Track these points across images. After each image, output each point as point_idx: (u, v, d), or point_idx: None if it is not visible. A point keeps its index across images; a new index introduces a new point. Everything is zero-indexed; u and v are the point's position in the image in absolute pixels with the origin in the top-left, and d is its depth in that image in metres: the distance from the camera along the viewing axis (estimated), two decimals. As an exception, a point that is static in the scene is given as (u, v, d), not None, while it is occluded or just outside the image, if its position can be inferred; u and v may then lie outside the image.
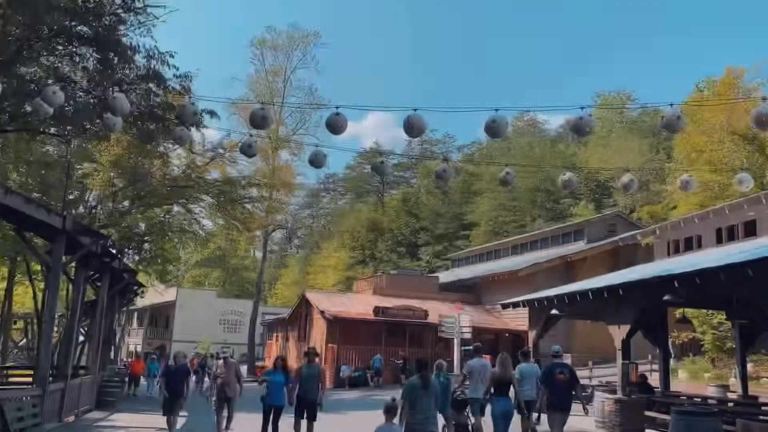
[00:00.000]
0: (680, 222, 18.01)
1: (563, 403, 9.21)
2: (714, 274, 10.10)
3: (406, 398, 7.17)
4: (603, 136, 50.99)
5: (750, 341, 17.11)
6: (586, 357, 27.44)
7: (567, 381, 9.28)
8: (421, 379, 7.26)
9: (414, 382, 7.32)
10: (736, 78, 26.66)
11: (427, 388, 7.21)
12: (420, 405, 7.09)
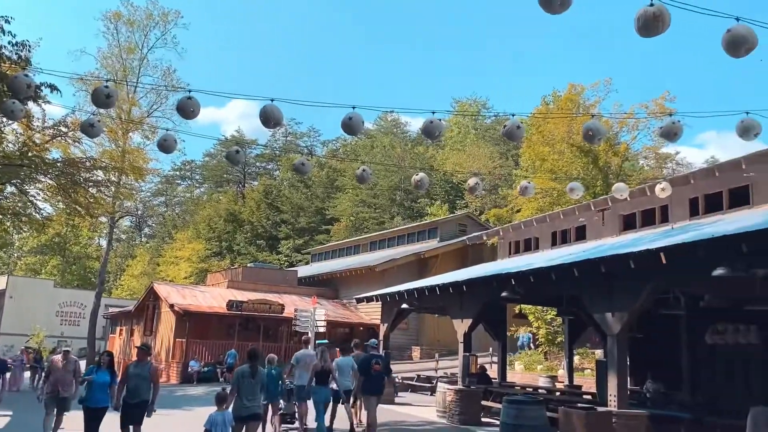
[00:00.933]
0: (521, 225, 19.39)
1: (378, 389, 10.70)
2: (546, 274, 10.98)
3: (234, 385, 7.98)
4: (459, 141, 53.58)
5: (576, 335, 18.83)
6: (433, 349, 28.74)
7: (381, 370, 10.66)
8: (250, 367, 8.06)
9: (243, 369, 8.10)
10: (576, 94, 29.14)
11: (254, 377, 8.02)
12: (247, 391, 7.90)
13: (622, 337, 10.15)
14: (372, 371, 10.49)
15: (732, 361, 16.33)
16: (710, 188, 13.14)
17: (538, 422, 9.11)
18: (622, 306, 9.90)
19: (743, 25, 5.68)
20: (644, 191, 14.33)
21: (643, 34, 5.31)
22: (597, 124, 7.62)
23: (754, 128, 7.61)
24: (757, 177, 12.06)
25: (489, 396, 14.69)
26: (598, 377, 10.41)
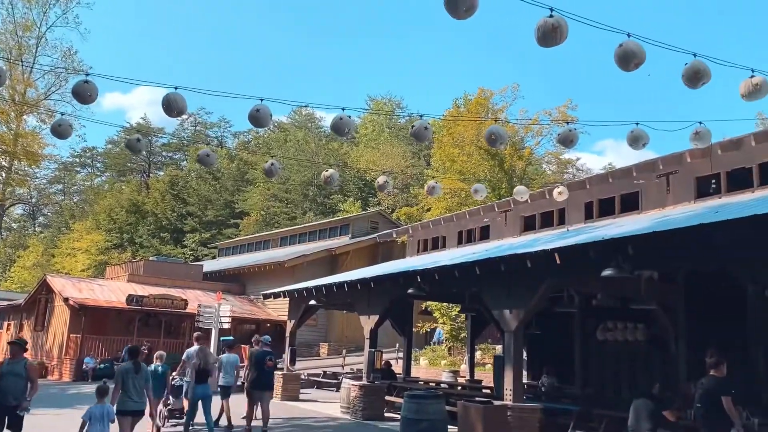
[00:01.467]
0: (429, 223, 19.79)
1: (270, 384, 11.23)
2: (450, 271, 11.27)
3: (118, 380, 8.17)
4: (373, 139, 53.94)
5: (479, 331, 19.47)
6: (341, 346, 28.84)
7: (273, 366, 11.09)
8: (133, 364, 8.33)
9: (127, 366, 8.35)
10: (486, 98, 30.07)
11: (138, 372, 8.26)
12: (130, 386, 8.13)
13: (519, 333, 10.57)
14: (265, 367, 10.88)
15: (620, 357, 17.40)
16: (604, 193, 13.93)
17: (438, 416, 9.36)
18: (519, 303, 10.31)
19: (633, 41, 6.07)
20: (544, 194, 14.99)
21: (542, 44, 5.56)
22: (500, 129, 7.90)
23: (643, 138, 8.14)
24: (646, 184, 12.91)
25: (393, 391, 14.92)
26: (496, 372, 10.82)
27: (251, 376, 10.97)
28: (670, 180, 12.50)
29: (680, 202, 12.21)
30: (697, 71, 6.31)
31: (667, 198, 12.48)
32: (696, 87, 6.46)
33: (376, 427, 12.64)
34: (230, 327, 22.14)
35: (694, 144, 8.44)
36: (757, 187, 10.94)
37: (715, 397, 7.53)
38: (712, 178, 11.80)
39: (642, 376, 15.17)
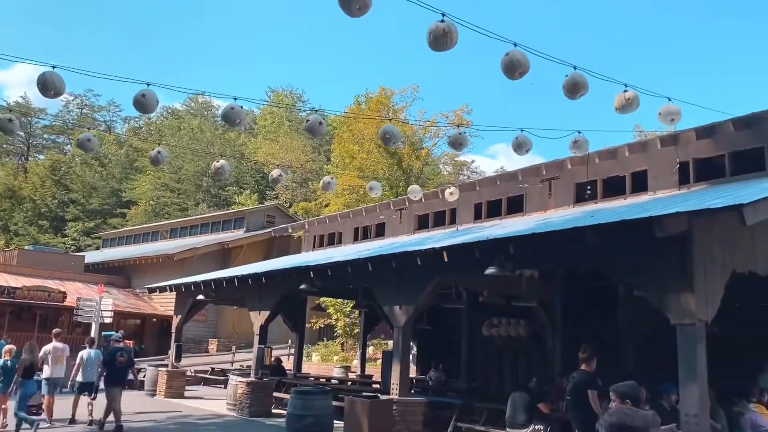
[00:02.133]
0: (326, 219, 19.77)
1: (122, 380, 11.24)
2: (343, 267, 11.30)
3: None
4: (272, 131, 53.03)
5: (371, 327, 19.68)
6: (231, 342, 28.21)
7: (126, 362, 11.14)
8: None
9: None
10: (386, 97, 30.42)
11: None
12: None
13: (408, 329, 10.79)
14: (117, 363, 10.94)
15: (503, 352, 18.20)
16: (492, 195, 14.51)
17: (324, 412, 9.37)
18: (408, 300, 10.52)
19: (519, 51, 6.35)
20: (437, 194, 15.39)
21: (433, 48, 5.70)
22: (393, 129, 8.02)
23: (526, 144, 8.55)
24: (530, 188, 13.57)
25: (282, 387, 14.77)
26: (384, 367, 10.97)
27: (104, 373, 11.18)
28: (552, 185, 13.21)
29: (561, 205, 12.92)
30: (576, 83, 6.70)
31: (549, 201, 13.17)
32: (575, 98, 6.87)
33: (263, 423, 12.47)
34: (113, 321, 21.06)
35: (572, 152, 8.97)
36: (630, 194, 11.78)
37: (583, 390, 8.03)
38: (590, 185, 12.58)
39: (524, 371, 15.95)
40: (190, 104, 62.16)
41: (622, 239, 7.58)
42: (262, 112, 56.91)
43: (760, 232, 8.00)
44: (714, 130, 10.61)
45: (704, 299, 7.06)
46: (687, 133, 10.98)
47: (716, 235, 7.38)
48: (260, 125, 56.14)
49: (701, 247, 7.13)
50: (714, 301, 7.23)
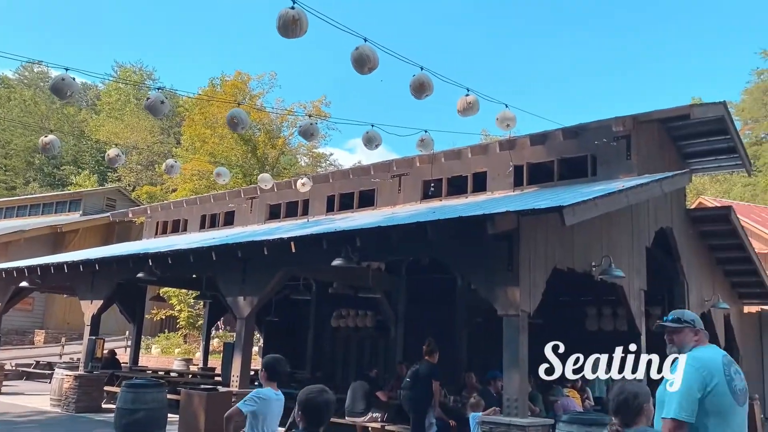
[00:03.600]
0: (170, 205, 18.83)
1: None
2: (185, 256, 10.83)
3: None
4: (117, 109, 49.54)
5: (217, 318, 19.12)
6: (61, 333, 26.07)
7: None
8: None
9: None
10: (243, 82, 29.59)
11: None
12: None
13: (251, 320, 10.61)
14: None
15: (350, 342, 18.54)
16: (345, 188, 14.65)
17: (156, 405, 8.95)
18: (253, 290, 10.34)
19: (369, 46, 6.45)
20: (290, 184, 15.25)
21: (282, 34, 5.62)
22: (241, 114, 7.81)
23: (376, 140, 8.72)
24: (381, 183, 13.89)
25: (115, 381, 13.91)
26: (224, 359, 10.70)
27: None
28: (401, 181, 13.62)
29: (409, 201, 13.37)
30: (422, 83, 6.95)
31: (399, 197, 13.57)
32: (421, 98, 7.12)
33: (90, 419, 11.65)
34: None
35: (419, 150, 9.30)
36: (471, 193, 12.46)
37: (427, 380, 8.46)
38: (436, 182, 13.14)
39: (369, 360, 16.35)
40: (23, 73, 56.27)
41: (460, 235, 8.01)
42: (107, 87, 52.93)
43: (578, 232, 8.83)
44: (546, 137, 11.52)
45: (528, 292, 7.66)
46: (522, 139, 11.82)
47: (540, 233, 8.03)
48: (104, 101, 52.18)
49: (527, 244, 7.72)
50: (536, 294, 7.87)
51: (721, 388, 3.09)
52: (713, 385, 3.08)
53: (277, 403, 4.76)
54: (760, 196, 37.91)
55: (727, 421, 3.10)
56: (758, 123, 44.46)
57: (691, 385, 3.09)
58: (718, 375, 3.12)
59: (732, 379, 3.17)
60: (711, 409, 3.06)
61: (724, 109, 11.23)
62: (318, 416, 3.13)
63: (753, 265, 14.20)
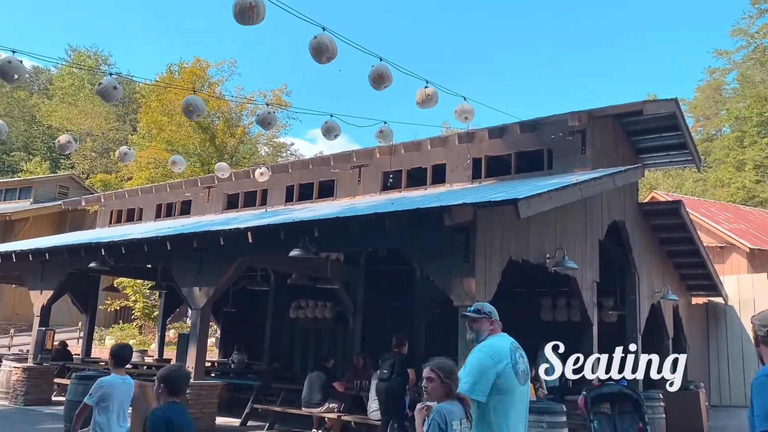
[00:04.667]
0: (125, 193, 18.41)
1: None
2: (138, 245, 10.61)
3: None
4: (71, 94, 48.08)
5: (173, 309, 18.82)
6: (10, 324, 25.31)
7: None
8: None
9: None
10: (201, 69, 29.05)
11: None
12: None
13: (207, 311, 10.49)
14: None
15: (309, 333, 18.49)
16: (305, 179, 14.56)
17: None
18: (209, 281, 10.21)
19: (327, 35, 6.40)
20: (248, 174, 15.07)
21: (238, 21, 5.53)
22: (197, 101, 7.66)
23: (335, 130, 8.68)
24: (341, 174, 13.84)
25: (66, 373, 13.58)
26: (179, 350, 10.55)
27: None
28: (361, 172, 13.60)
29: (369, 192, 13.36)
30: (381, 74, 6.94)
31: (358, 188, 13.55)
32: (379, 89, 7.11)
33: (40, 412, 11.36)
34: None
35: (378, 141, 9.30)
36: (430, 185, 12.53)
37: (403, 369, 8.70)
38: (396, 174, 13.16)
39: (328, 351, 16.33)
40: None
41: (418, 226, 8.06)
42: (59, 72, 51.27)
43: (533, 225, 8.98)
44: (504, 131, 11.64)
45: (483, 283, 7.76)
46: (481, 132, 11.93)
47: (497, 225, 8.14)
48: (57, 86, 50.55)
49: (483, 236, 7.82)
50: (492, 286, 7.98)
51: (508, 371, 3.60)
52: (502, 368, 3.59)
53: (123, 386, 5.01)
54: (710, 191, 39.19)
55: (510, 397, 3.61)
56: (709, 120, 45.86)
57: (486, 369, 3.57)
58: (506, 360, 3.63)
59: (517, 363, 3.70)
60: (499, 388, 3.56)
61: (676, 106, 11.54)
62: (177, 387, 3.85)
63: (701, 258, 14.68)
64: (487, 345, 3.75)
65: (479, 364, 3.61)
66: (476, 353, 3.70)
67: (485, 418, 3.58)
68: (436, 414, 3.35)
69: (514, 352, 3.74)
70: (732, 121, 41.76)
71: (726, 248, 20.49)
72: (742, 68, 42.46)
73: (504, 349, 3.72)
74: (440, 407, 3.36)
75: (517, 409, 3.69)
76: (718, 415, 14.55)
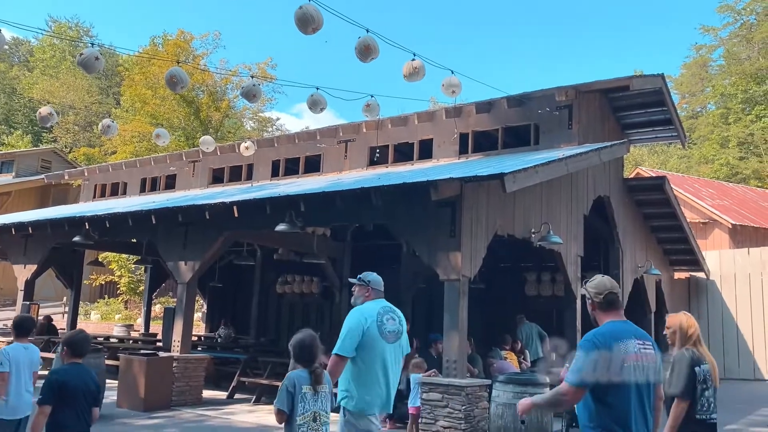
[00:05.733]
0: (109, 167, 18.19)
1: None
2: (123, 219, 10.54)
3: None
4: (52, 66, 47.17)
5: (159, 284, 18.75)
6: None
7: None
8: None
9: None
10: (185, 42, 28.58)
11: None
12: None
13: (193, 285, 10.47)
14: None
15: (295, 308, 18.55)
16: (290, 153, 14.46)
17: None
18: (194, 255, 10.18)
19: (313, 6, 6.30)
20: (233, 148, 14.94)
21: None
22: (181, 72, 7.53)
23: (321, 103, 8.59)
24: (328, 149, 13.77)
25: (52, 347, 13.54)
26: (165, 324, 10.55)
27: None
28: (348, 147, 13.52)
29: (355, 167, 13.31)
30: (368, 46, 6.86)
31: (345, 163, 13.49)
32: (366, 61, 7.03)
33: (25, 387, 11.33)
34: None
35: (365, 115, 9.23)
36: (417, 160, 12.51)
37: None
38: (382, 149, 13.11)
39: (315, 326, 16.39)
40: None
41: (404, 201, 8.07)
42: (40, 43, 50.23)
43: (519, 200, 9.02)
44: (491, 105, 11.61)
45: (469, 258, 7.81)
46: (468, 106, 11.89)
47: (482, 200, 8.16)
48: (38, 58, 49.56)
49: (469, 210, 7.84)
50: (477, 260, 8.03)
51: (373, 330, 4.17)
52: (367, 327, 4.16)
53: (26, 353, 5.22)
54: (694, 168, 39.50)
55: (375, 352, 4.17)
56: (695, 97, 46.01)
57: (353, 329, 4.16)
58: (372, 320, 4.20)
59: (383, 324, 4.27)
60: (365, 344, 4.13)
61: (662, 82, 11.55)
62: (79, 348, 4.32)
63: (684, 234, 14.85)
64: (359, 308, 4.32)
65: (348, 325, 4.21)
66: (349, 316, 4.29)
67: (355, 371, 4.14)
68: (286, 380, 3.69)
69: (383, 315, 4.29)
70: (717, 98, 41.93)
71: (709, 224, 20.73)
72: (729, 45, 42.51)
73: (372, 312, 4.27)
74: (291, 374, 3.72)
75: (383, 364, 4.22)
76: (698, 387, 14.81)
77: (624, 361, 3.00)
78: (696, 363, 4.13)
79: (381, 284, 4.53)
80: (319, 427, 3.74)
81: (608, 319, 3.20)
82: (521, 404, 3.43)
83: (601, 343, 3.02)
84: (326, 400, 3.84)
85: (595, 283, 3.28)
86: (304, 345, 3.82)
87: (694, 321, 4.42)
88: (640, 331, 3.23)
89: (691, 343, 4.25)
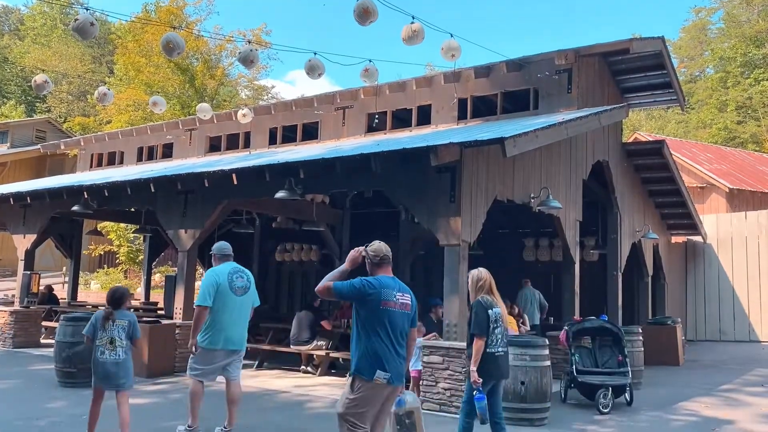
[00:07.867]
0: (105, 136, 18.06)
1: None
2: (122, 188, 10.50)
3: None
4: (44, 35, 46.46)
5: (158, 253, 18.80)
6: (-7, 270, 25.24)
7: None
8: None
9: None
10: (179, 8, 28.08)
11: None
12: None
13: (193, 253, 10.50)
14: None
15: (295, 275, 18.68)
16: (288, 121, 14.36)
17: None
18: (194, 223, 10.19)
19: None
20: (230, 116, 14.83)
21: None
22: (177, 37, 7.43)
23: (319, 68, 8.51)
24: (325, 116, 13.67)
25: (54, 316, 13.65)
26: (167, 292, 10.62)
27: None
28: (346, 113, 13.43)
29: (353, 134, 13.25)
30: (366, 9, 6.77)
31: (343, 130, 13.42)
32: (365, 24, 6.95)
33: (29, 354, 11.47)
34: None
35: (363, 80, 9.15)
36: (415, 126, 12.44)
37: None
38: (380, 115, 13.03)
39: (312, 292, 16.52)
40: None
41: (403, 167, 8.05)
42: (30, 11, 49.39)
43: (519, 164, 9.01)
44: (490, 70, 11.50)
45: (469, 223, 7.83)
46: (467, 71, 11.77)
47: (482, 165, 8.15)
48: (28, 26, 48.78)
49: (469, 175, 7.84)
50: (477, 225, 8.06)
51: (224, 285, 5.72)
52: (219, 282, 5.72)
53: None
54: (692, 133, 39.38)
55: (226, 303, 5.70)
56: (693, 61, 45.62)
57: (208, 285, 5.70)
58: (223, 278, 5.76)
59: (233, 281, 5.79)
60: (219, 297, 5.69)
61: (662, 44, 11.45)
62: None
63: (682, 198, 14.89)
64: (213, 269, 5.90)
65: (204, 282, 5.74)
66: (205, 276, 5.89)
67: (211, 317, 5.66)
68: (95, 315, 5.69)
69: (232, 274, 5.82)
70: (716, 61, 41.56)
71: (706, 188, 20.78)
72: (729, 7, 41.98)
73: (223, 272, 5.81)
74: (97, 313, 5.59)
75: (232, 313, 5.73)
76: (694, 349, 15.08)
77: (381, 304, 4.01)
78: (488, 307, 5.18)
79: (224, 250, 6.06)
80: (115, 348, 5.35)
81: (380, 274, 4.18)
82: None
83: (374, 284, 4.06)
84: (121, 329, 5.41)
85: (374, 247, 4.26)
86: None
87: (485, 274, 5.35)
88: (404, 286, 4.28)
89: (484, 291, 5.25)
